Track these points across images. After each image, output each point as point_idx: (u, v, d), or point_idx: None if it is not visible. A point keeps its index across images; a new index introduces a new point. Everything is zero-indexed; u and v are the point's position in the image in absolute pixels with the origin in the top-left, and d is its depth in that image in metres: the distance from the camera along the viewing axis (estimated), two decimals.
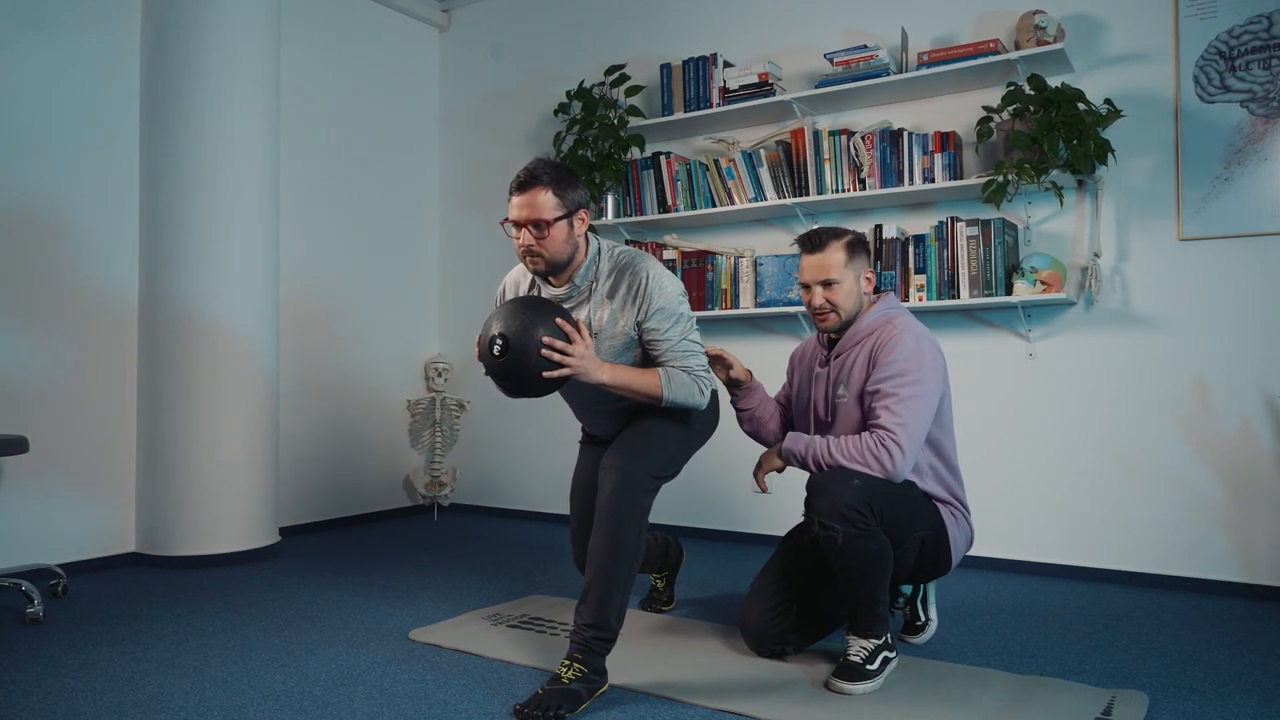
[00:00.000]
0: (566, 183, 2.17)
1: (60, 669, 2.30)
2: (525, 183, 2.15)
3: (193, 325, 3.54)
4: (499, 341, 2.06)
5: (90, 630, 2.65)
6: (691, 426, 2.35)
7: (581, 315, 2.25)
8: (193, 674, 2.26)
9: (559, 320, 2.08)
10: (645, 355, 2.26)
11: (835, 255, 2.31)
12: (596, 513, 2.13)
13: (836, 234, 2.36)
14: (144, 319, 3.62)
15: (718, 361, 2.53)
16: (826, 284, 2.31)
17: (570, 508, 2.61)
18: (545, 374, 2.06)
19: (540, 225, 2.13)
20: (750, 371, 2.60)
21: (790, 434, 2.32)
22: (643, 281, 2.20)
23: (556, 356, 2.04)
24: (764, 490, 2.42)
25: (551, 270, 2.21)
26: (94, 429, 3.51)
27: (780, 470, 2.37)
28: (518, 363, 2.06)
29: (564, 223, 2.15)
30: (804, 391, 2.50)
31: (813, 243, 2.35)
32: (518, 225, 2.16)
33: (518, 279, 2.42)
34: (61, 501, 3.40)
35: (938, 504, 2.32)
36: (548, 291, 2.29)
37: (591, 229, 2.44)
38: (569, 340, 2.06)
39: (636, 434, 2.25)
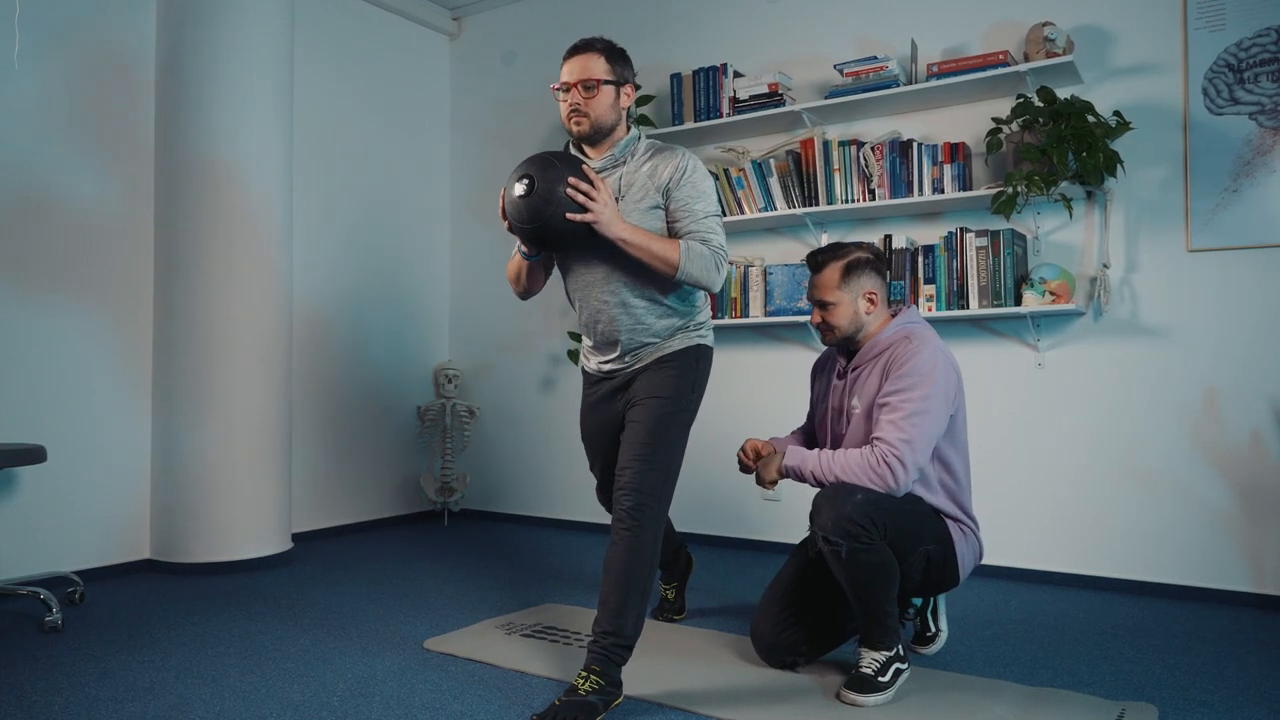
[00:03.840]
0: (618, 57, 2.29)
1: (80, 678, 2.33)
2: (579, 47, 2.27)
3: (206, 332, 3.58)
4: (526, 180, 2.09)
5: (108, 638, 2.68)
6: (690, 403, 2.32)
7: (612, 180, 2.27)
8: (211, 683, 2.29)
9: (585, 168, 2.13)
10: (669, 234, 2.26)
11: (830, 276, 2.35)
12: (613, 526, 2.16)
13: (837, 254, 2.38)
14: (159, 327, 3.65)
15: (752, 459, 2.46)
16: (822, 304, 2.36)
17: (585, 450, 2.62)
18: (568, 215, 2.07)
19: (589, 85, 2.21)
20: (767, 444, 2.47)
21: (790, 449, 2.32)
22: (680, 155, 2.26)
23: (580, 199, 2.07)
24: (771, 487, 2.37)
25: (594, 134, 2.26)
26: (109, 437, 3.54)
27: (775, 481, 2.34)
28: (543, 201, 2.07)
29: (611, 88, 2.24)
30: (822, 403, 2.53)
31: (812, 262, 2.41)
32: (567, 88, 2.23)
33: None
34: (78, 509, 3.43)
35: (946, 519, 2.33)
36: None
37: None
38: (594, 187, 2.10)
39: (640, 443, 2.21)
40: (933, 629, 2.55)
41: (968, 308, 3.41)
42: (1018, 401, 3.49)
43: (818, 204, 3.75)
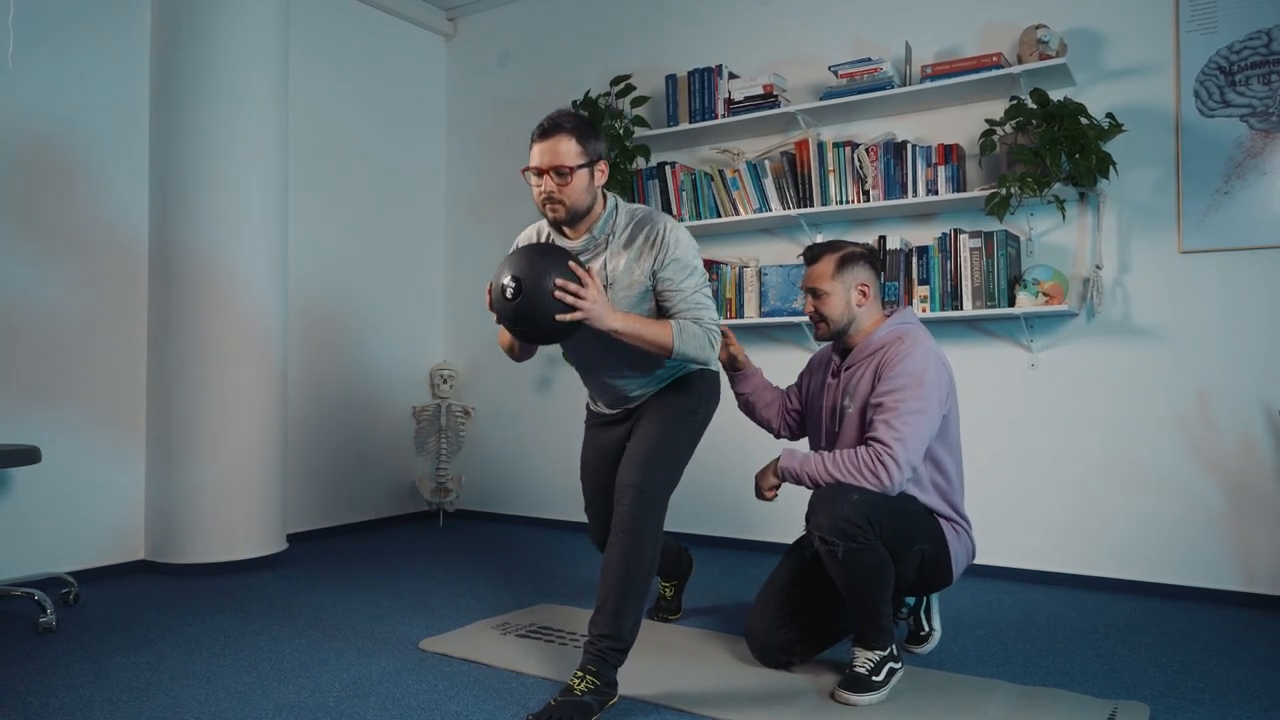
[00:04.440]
0: (588, 132, 2.19)
1: (76, 679, 2.33)
2: (548, 130, 2.16)
3: (201, 333, 3.57)
4: (512, 284, 2.07)
5: (103, 639, 2.68)
6: (698, 415, 2.37)
7: (596, 266, 2.25)
8: (206, 684, 2.29)
9: (572, 264, 2.10)
10: (659, 311, 2.26)
11: (824, 267, 2.41)
12: (613, 527, 2.16)
13: (833, 248, 2.43)
14: (153, 325, 3.65)
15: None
16: (814, 293, 2.41)
17: (583, 490, 2.63)
18: (558, 316, 2.06)
19: (563, 172, 2.13)
20: (748, 357, 2.68)
21: (785, 451, 2.34)
22: (660, 233, 2.22)
23: (569, 299, 2.05)
24: (770, 499, 2.43)
25: (571, 219, 2.21)
26: (104, 436, 3.53)
27: (776, 486, 2.39)
28: (531, 305, 2.06)
29: (585, 171, 2.17)
30: (816, 401, 2.54)
31: (808, 254, 2.47)
32: (539, 173, 2.17)
33: (529, 237, 2.42)
34: (72, 510, 3.43)
35: (939, 518, 2.34)
36: (564, 244, 2.28)
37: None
38: (581, 284, 2.07)
39: (647, 444, 2.25)
40: (926, 628, 2.56)
41: (961, 309, 3.42)
42: (1010, 402, 3.51)
43: (812, 205, 3.76)
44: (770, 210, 3.86)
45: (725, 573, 3.59)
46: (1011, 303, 3.35)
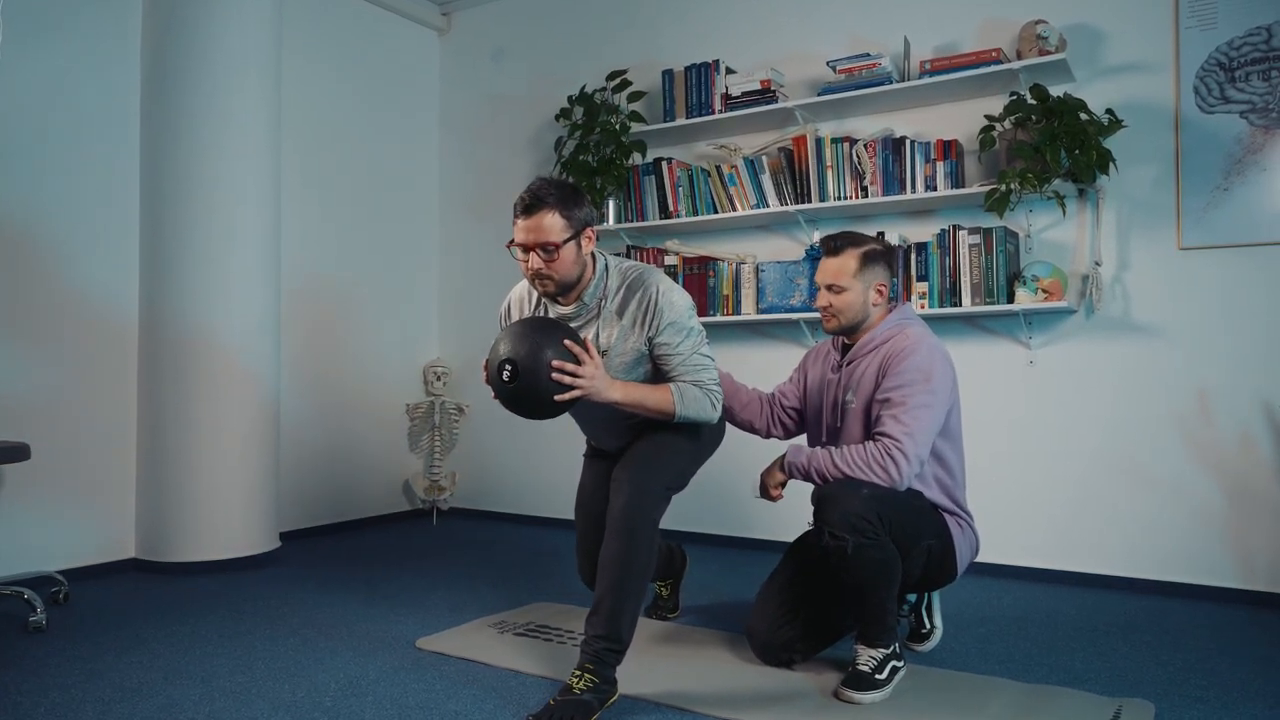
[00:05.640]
0: (572, 202, 2.13)
1: (67, 679, 2.29)
2: (531, 205, 2.10)
3: (193, 330, 3.53)
4: (508, 367, 2.04)
5: (94, 639, 2.64)
6: (700, 438, 2.36)
7: (590, 333, 2.22)
8: (201, 684, 2.25)
9: (567, 342, 2.06)
10: (656, 369, 2.25)
11: (848, 263, 2.35)
12: (609, 525, 2.13)
13: (857, 241, 2.39)
14: (144, 325, 3.60)
15: None
16: (832, 288, 2.36)
17: (575, 519, 2.61)
18: (557, 397, 2.05)
19: (549, 249, 2.09)
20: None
21: (792, 447, 2.33)
22: (652, 297, 2.19)
23: (567, 380, 2.03)
24: (777, 499, 2.41)
25: (561, 291, 2.19)
26: (94, 435, 3.49)
27: (783, 484, 2.38)
28: (529, 387, 2.04)
29: (572, 244, 2.13)
30: (816, 397, 2.52)
31: (832, 246, 2.40)
32: (525, 249, 2.12)
33: (522, 295, 2.40)
34: (62, 508, 3.38)
35: (944, 514, 2.33)
36: (555, 311, 2.27)
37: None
38: (578, 362, 2.05)
39: (648, 447, 2.25)
40: (928, 626, 2.55)
41: (960, 305, 3.41)
42: (1009, 399, 3.50)
43: (810, 201, 3.74)
44: (768, 206, 3.84)
45: (725, 571, 3.57)
46: (1010, 299, 3.34)
